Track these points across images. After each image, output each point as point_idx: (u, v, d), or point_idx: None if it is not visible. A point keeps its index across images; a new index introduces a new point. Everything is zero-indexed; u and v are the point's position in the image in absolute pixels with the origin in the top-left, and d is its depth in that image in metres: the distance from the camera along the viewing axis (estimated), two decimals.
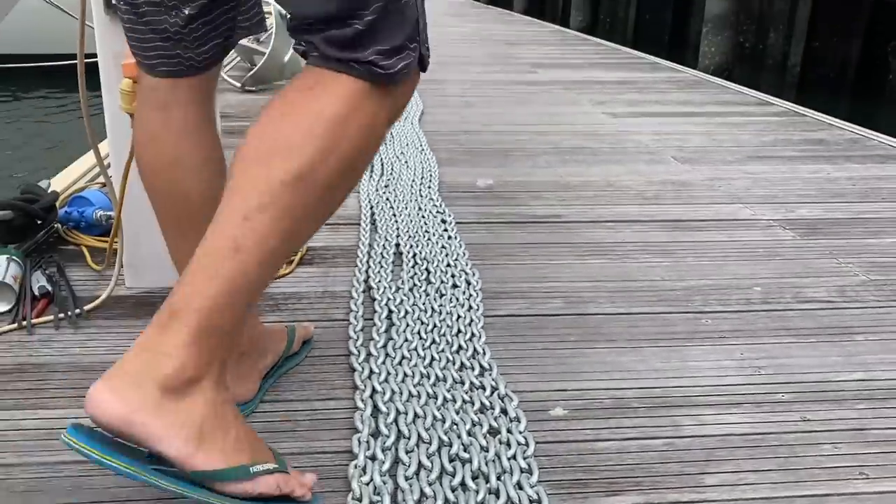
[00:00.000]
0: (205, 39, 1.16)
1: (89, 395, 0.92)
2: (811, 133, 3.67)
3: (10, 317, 1.63)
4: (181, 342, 0.92)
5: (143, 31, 1.15)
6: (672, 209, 2.51)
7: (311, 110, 0.94)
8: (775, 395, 1.42)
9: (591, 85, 4.85)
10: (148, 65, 1.17)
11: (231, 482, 0.93)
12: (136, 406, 0.90)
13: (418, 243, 2.08)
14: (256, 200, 0.93)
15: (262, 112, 0.98)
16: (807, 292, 1.87)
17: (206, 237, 0.95)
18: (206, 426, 0.93)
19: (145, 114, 1.22)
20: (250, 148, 0.96)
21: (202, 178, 1.20)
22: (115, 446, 0.93)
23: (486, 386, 1.39)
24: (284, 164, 0.93)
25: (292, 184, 0.93)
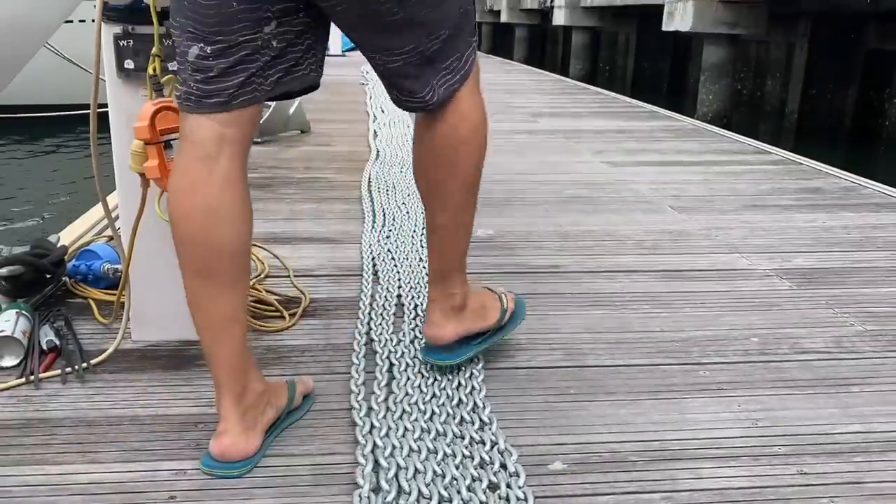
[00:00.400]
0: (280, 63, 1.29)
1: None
2: (807, 181, 3.72)
3: (18, 371, 1.66)
4: (459, 283, 1.62)
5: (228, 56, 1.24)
6: (670, 259, 2.54)
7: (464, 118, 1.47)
8: (772, 448, 1.43)
9: (590, 134, 4.93)
10: (215, 102, 1.26)
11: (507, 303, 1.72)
12: (459, 326, 1.60)
13: (420, 294, 2.11)
14: (467, 191, 1.53)
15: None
16: (803, 343, 1.89)
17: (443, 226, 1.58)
18: (482, 301, 1.67)
19: (189, 163, 1.30)
20: (443, 162, 1.50)
21: (234, 226, 1.31)
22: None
23: (485, 440, 1.41)
24: (468, 166, 1.52)
25: (479, 171, 1.53)
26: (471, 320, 1.61)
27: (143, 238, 1.71)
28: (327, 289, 2.22)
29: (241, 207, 1.31)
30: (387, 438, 1.39)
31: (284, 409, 1.45)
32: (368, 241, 2.58)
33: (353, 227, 2.81)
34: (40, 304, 1.95)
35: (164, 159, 1.51)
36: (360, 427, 1.44)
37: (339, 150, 4.28)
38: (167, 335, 1.82)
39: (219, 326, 1.33)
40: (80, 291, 2.04)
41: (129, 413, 1.51)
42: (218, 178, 1.27)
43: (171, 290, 1.79)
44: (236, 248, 1.30)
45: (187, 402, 1.56)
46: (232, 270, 1.30)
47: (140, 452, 1.38)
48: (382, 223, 2.81)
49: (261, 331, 1.90)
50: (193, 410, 1.53)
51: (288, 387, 1.49)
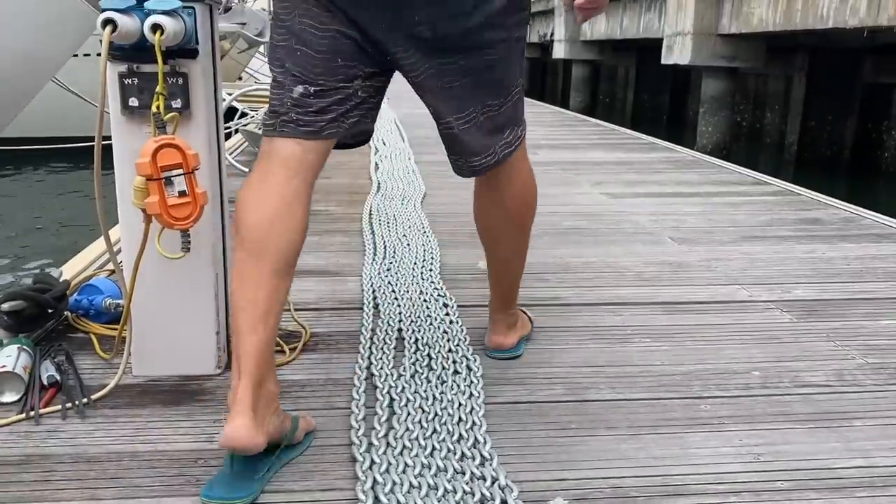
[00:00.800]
0: (358, 109, 1.57)
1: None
2: (806, 212, 3.74)
3: (18, 406, 1.66)
4: (514, 307, 2.03)
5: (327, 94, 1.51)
6: (670, 290, 2.55)
7: (524, 183, 1.86)
8: (775, 483, 1.42)
9: (590, 166, 4.97)
10: (308, 130, 1.51)
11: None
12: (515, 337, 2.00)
13: (420, 328, 2.11)
14: (522, 241, 1.95)
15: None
16: (804, 376, 1.89)
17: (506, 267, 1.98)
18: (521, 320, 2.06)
19: (273, 168, 1.51)
20: (513, 217, 1.90)
21: (294, 230, 1.49)
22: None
23: (486, 476, 1.40)
24: (526, 220, 1.94)
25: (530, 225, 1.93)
26: (519, 331, 2.03)
27: (145, 274, 1.72)
28: (328, 322, 2.22)
29: (302, 219, 1.50)
30: (387, 474, 1.39)
31: (286, 437, 1.46)
32: (369, 274, 2.59)
33: (354, 259, 2.82)
34: (42, 339, 1.95)
35: (165, 195, 1.53)
36: (361, 463, 1.43)
37: (339, 182, 4.31)
38: (168, 370, 1.83)
39: (259, 311, 1.42)
40: (82, 326, 2.05)
41: (130, 449, 1.51)
42: (293, 187, 1.49)
43: (172, 325, 1.81)
44: (290, 250, 1.48)
45: (187, 437, 1.56)
46: (282, 264, 1.47)
47: (140, 489, 1.38)
48: (383, 256, 2.82)
49: None
50: (193, 446, 1.53)
51: (292, 419, 1.50)
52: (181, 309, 1.81)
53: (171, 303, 1.80)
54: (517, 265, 1.96)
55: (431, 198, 3.89)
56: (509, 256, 1.93)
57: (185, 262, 1.75)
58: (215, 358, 1.84)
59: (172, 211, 1.54)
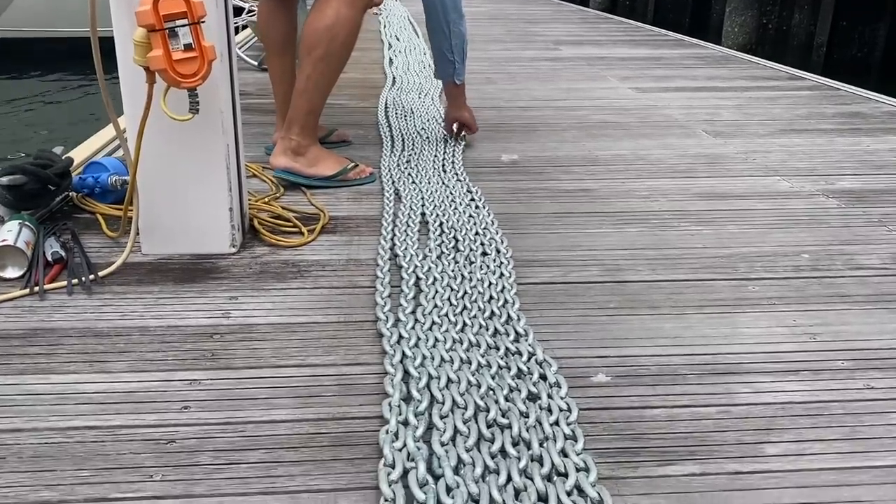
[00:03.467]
0: None
1: (271, 162, 2.21)
2: (846, 106, 3.54)
3: (22, 282, 1.56)
4: (296, 132, 2.16)
5: None
6: (707, 181, 2.40)
7: (322, 17, 2.10)
8: (835, 363, 1.32)
9: (616, 61, 4.72)
10: None
11: (348, 173, 2.26)
12: (288, 162, 2.18)
13: (444, 213, 1.99)
14: (311, 68, 2.12)
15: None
16: (858, 259, 1.76)
17: (295, 86, 2.19)
18: (318, 160, 2.23)
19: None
20: (304, 45, 2.12)
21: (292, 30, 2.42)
22: None
23: (522, 352, 1.30)
24: (317, 51, 2.10)
25: (323, 58, 2.11)
26: (296, 161, 2.18)
27: (152, 147, 1.60)
28: (346, 207, 2.10)
29: (284, 21, 2.41)
30: (416, 349, 1.29)
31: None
32: (388, 166, 2.45)
33: (371, 152, 2.67)
34: (46, 219, 1.84)
35: (169, 49, 1.39)
36: (388, 338, 1.34)
37: (350, 76, 4.11)
38: (179, 249, 1.72)
39: (274, 78, 2.44)
40: (88, 206, 1.93)
41: (140, 324, 1.42)
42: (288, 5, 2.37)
43: (182, 202, 1.69)
44: (281, 39, 2.42)
45: (201, 313, 1.46)
46: (278, 48, 2.42)
47: (151, 363, 1.29)
48: (402, 148, 2.67)
49: (279, 245, 1.79)
50: (208, 322, 1.43)
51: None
52: (191, 184, 1.69)
53: (181, 178, 1.68)
54: (307, 93, 2.14)
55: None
56: (302, 80, 2.14)
57: (194, 134, 1.62)
58: (229, 236, 1.73)
59: (178, 66, 1.40)
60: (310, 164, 2.20)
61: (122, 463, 1.04)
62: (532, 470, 1.00)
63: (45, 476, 1.01)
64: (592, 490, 0.96)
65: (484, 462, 1.01)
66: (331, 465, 1.04)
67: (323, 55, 2.10)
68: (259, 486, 1.00)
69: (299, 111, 2.15)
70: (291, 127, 2.16)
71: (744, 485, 1.02)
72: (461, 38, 2.54)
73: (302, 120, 2.15)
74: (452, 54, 2.54)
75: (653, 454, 1.07)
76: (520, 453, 1.03)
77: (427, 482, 0.97)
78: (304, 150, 2.19)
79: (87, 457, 1.05)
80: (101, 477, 1.01)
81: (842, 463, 1.06)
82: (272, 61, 2.47)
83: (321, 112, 2.24)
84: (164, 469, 1.03)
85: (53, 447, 1.06)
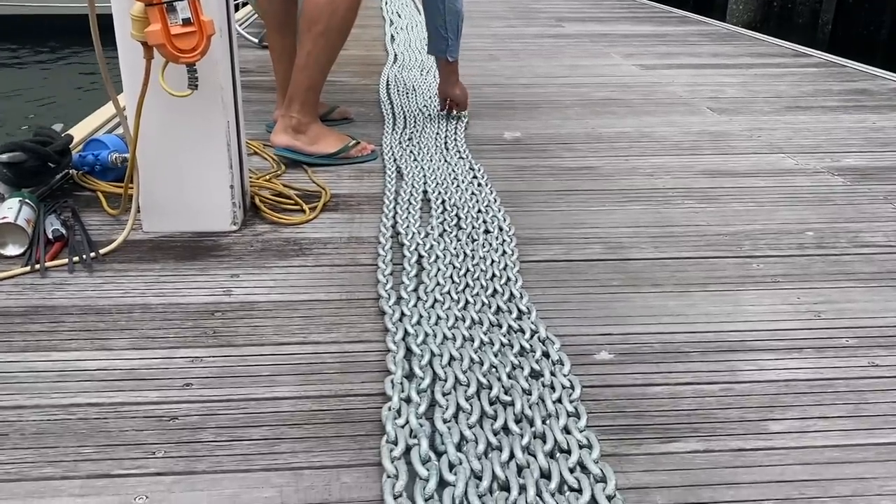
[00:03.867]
0: None
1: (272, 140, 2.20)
2: (852, 83, 3.50)
3: (23, 260, 1.55)
4: (297, 110, 2.14)
5: None
6: (711, 159, 2.38)
7: None
8: (839, 340, 1.31)
9: (620, 38, 4.68)
10: None
11: (349, 150, 2.25)
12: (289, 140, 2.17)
13: (447, 190, 1.97)
14: (311, 43, 2.10)
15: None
16: (863, 237, 1.75)
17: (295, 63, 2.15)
18: (319, 138, 2.21)
19: None
20: (304, 20, 2.10)
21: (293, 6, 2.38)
22: None
23: (525, 329, 1.30)
24: (317, 27, 2.08)
25: (323, 34, 2.09)
26: (298, 140, 2.17)
27: (151, 124, 1.58)
28: (348, 185, 2.09)
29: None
30: (418, 326, 1.29)
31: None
32: (390, 143, 2.43)
33: (373, 130, 2.65)
34: (46, 196, 1.83)
35: (168, 23, 1.37)
36: (390, 315, 1.33)
37: (352, 53, 4.08)
38: (180, 226, 1.71)
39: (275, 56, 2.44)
40: (88, 184, 1.92)
41: (141, 301, 1.41)
42: None
43: (182, 179, 1.68)
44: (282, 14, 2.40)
45: (203, 290, 1.46)
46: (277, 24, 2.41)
47: (153, 340, 1.28)
48: (403, 125, 2.65)
49: (281, 223, 1.78)
50: (210, 299, 1.43)
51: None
52: (192, 162, 1.68)
53: (181, 155, 1.67)
54: (308, 70, 2.12)
55: None
56: (303, 56, 2.12)
57: (193, 111, 1.60)
58: (230, 214, 1.72)
59: (177, 41, 1.38)
60: (311, 141, 2.19)
61: (124, 440, 1.04)
62: (535, 447, 1.00)
63: (47, 452, 1.01)
64: (595, 467, 0.96)
65: (487, 439, 1.01)
66: (333, 441, 1.04)
67: (323, 30, 2.08)
68: (261, 463, 1.00)
69: (300, 88, 2.12)
70: (292, 104, 2.14)
71: (747, 461, 1.01)
72: (456, 16, 2.50)
73: (302, 97, 2.13)
74: (446, 31, 2.51)
75: (656, 431, 1.07)
76: (522, 430, 1.03)
77: (430, 459, 0.97)
78: (304, 127, 2.17)
79: (89, 433, 1.05)
80: (104, 453, 1.01)
81: (845, 440, 1.06)
82: (273, 38, 2.45)
83: (322, 89, 2.22)
84: (167, 446, 1.02)
85: (56, 424, 1.06)
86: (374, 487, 0.95)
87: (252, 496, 0.94)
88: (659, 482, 0.97)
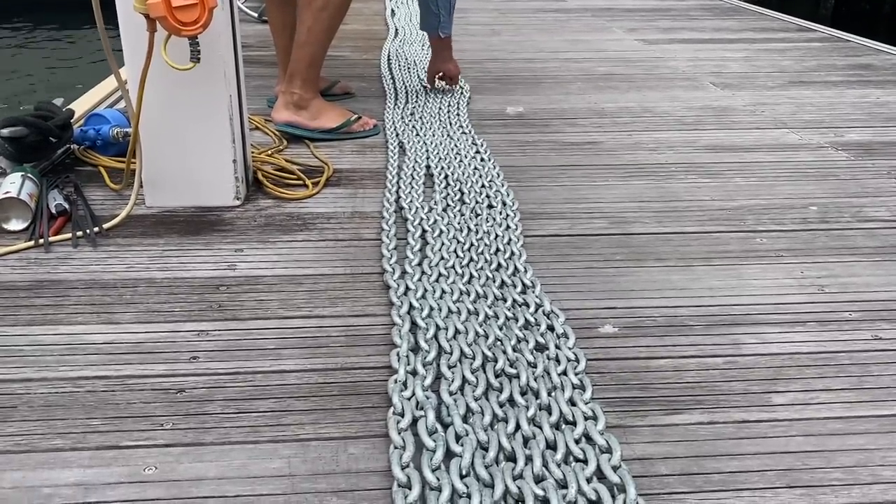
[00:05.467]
0: None
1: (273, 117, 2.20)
2: (856, 58, 3.48)
3: (26, 234, 1.55)
4: (298, 85, 2.14)
5: None
6: (714, 133, 2.37)
7: None
8: (842, 314, 1.32)
9: (622, 13, 4.64)
10: None
11: (351, 125, 2.23)
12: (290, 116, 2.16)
13: (450, 165, 1.97)
14: (311, 19, 2.09)
15: None
16: (867, 211, 1.75)
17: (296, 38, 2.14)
18: (320, 113, 2.20)
19: None
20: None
21: None
22: None
23: (529, 303, 1.30)
24: (317, 2, 2.07)
25: (323, 9, 2.08)
26: (299, 115, 2.17)
27: (153, 99, 1.58)
28: (350, 160, 2.08)
29: None
30: (423, 300, 1.29)
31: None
32: (391, 118, 2.42)
33: (374, 105, 2.64)
34: (48, 171, 1.83)
35: None
36: (395, 289, 1.33)
37: (353, 28, 4.05)
38: (183, 201, 1.71)
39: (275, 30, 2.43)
40: (90, 159, 1.92)
41: (146, 276, 1.41)
42: None
43: (185, 153, 1.68)
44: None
45: (207, 265, 1.46)
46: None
47: (158, 314, 1.29)
48: (405, 100, 2.64)
49: (284, 198, 1.78)
50: (214, 273, 1.43)
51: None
52: (194, 136, 1.67)
53: (183, 130, 1.66)
54: (308, 46, 2.11)
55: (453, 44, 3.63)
56: (303, 32, 2.11)
57: (196, 84, 1.59)
58: (233, 188, 1.71)
59: (178, 14, 1.37)
60: (312, 117, 2.18)
61: (132, 412, 1.04)
62: (540, 418, 1.00)
63: (56, 424, 1.01)
64: (601, 438, 0.97)
65: (493, 410, 1.01)
66: (340, 413, 1.05)
67: (323, 5, 2.07)
68: (269, 435, 1.00)
69: (300, 64, 2.12)
70: (293, 80, 2.13)
71: (750, 433, 1.02)
72: None
73: (304, 73, 2.12)
74: (437, 7, 2.49)
75: (660, 403, 1.08)
76: (528, 402, 1.04)
77: (436, 430, 0.98)
78: (306, 103, 2.16)
79: (97, 406, 1.05)
80: (112, 425, 1.02)
81: (848, 412, 1.07)
82: (272, 12, 2.42)
83: (322, 64, 2.21)
84: (175, 418, 1.03)
85: (64, 396, 1.07)
86: (381, 458, 0.96)
87: (260, 467, 0.95)
88: (663, 453, 0.98)
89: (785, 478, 0.94)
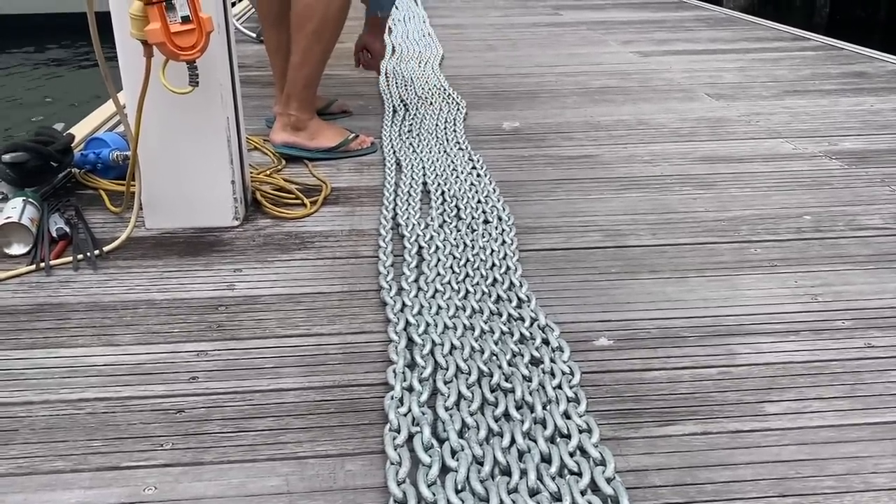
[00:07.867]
0: None
1: (271, 138, 2.22)
2: (850, 66, 3.50)
3: (27, 259, 1.57)
4: (295, 107, 2.16)
5: None
6: (709, 145, 2.39)
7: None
8: (835, 323, 1.33)
9: (617, 25, 4.68)
10: None
11: (349, 144, 2.26)
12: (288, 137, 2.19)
13: (446, 181, 1.99)
14: (305, 42, 2.11)
15: None
16: (860, 220, 1.76)
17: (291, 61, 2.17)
18: (318, 133, 2.22)
19: None
20: (296, 19, 2.12)
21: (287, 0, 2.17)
22: None
23: (525, 317, 1.31)
24: (310, 24, 2.10)
25: (316, 31, 2.10)
26: (297, 136, 2.20)
27: (152, 121, 1.60)
28: (347, 178, 2.10)
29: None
30: (420, 316, 1.30)
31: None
32: (389, 136, 2.44)
33: (372, 122, 2.66)
34: (49, 195, 1.85)
35: (167, 21, 1.38)
36: (391, 306, 1.35)
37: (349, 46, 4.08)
38: (182, 222, 1.73)
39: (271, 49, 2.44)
40: (90, 182, 1.94)
41: (146, 298, 1.43)
42: None
43: (183, 175, 1.70)
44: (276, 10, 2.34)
45: (207, 286, 1.48)
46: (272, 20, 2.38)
47: (158, 335, 1.30)
48: (402, 117, 2.66)
49: (282, 217, 1.80)
50: (214, 294, 1.44)
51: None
52: (193, 158, 1.69)
53: (182, 152, 1.69)
54: (304, 68, 2.15)
55: (449, 60, 3.68)
56: (297, 54, 2.14)
57: (194, 107, 1.62)
58: (232, 209, 1.73)
59: (176, 39, 1.40)
60: (310, 137, 2.21)
61: (132, 433, 1.06)
62: (535, 432, 1.02)
63: (57, 446, 1.03)
64: (595, 450, 0.98)
65: (488, 425, 1.03)
66: (337, 430, 1.06)
67: (316, 28, 2.10)
68: (267, 453, 1.02)
69: (296, 86, 2.15)
70: (290, 102, 2.16)
71: (744, 443, 1.03)
72: None
73: (300, 95, 2.15)
74: None
75: (654, 415, 1.09)
76: (523, 416, 1.05)
77: (432, 446, 0.99)
78: (303, 124, 2.19)
79: (97, 427, 1.07)
80: (113, 446, 1.03)
81: (841, 420, 1.08)
82: (268, 33, 2.46)
83: (318, 84, 2.24)
84: (174, 438, 1.04)
85: (65, 418, 1.08)
86: (377, 475, 0.97)
87: (258, 485, 0.96)
88: (657, 464, 0.99)
89: (778, 487, 0.95)
